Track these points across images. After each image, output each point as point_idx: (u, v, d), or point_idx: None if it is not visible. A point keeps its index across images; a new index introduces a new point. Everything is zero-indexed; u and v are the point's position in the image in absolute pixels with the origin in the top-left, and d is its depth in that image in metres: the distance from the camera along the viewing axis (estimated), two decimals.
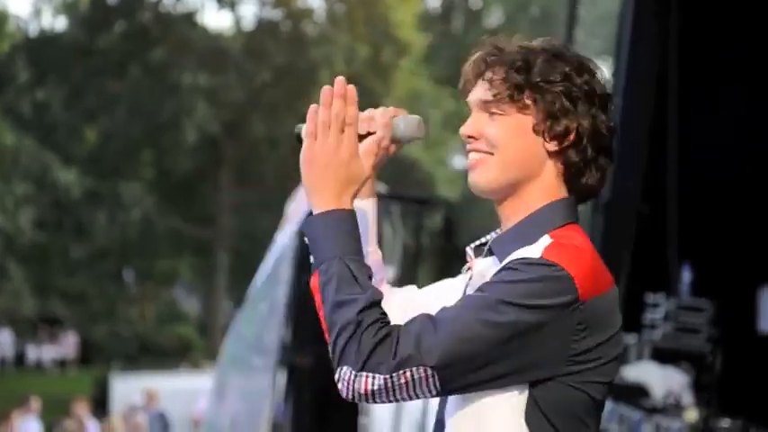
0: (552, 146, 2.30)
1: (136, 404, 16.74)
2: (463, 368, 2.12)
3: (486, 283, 2.18)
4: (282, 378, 7.42)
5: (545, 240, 2.23)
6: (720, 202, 8.11)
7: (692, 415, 6.35)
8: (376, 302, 2.16)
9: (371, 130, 2.39)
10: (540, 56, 2.31)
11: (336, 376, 2.14)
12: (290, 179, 25.65)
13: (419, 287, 2.54)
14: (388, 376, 2.11)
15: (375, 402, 2.16)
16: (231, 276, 27.53)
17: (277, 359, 7.34)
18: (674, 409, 6.60)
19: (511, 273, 2.16)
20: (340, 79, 2.28)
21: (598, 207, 7.02)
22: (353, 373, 2.11)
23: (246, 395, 7.78)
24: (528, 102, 2.29)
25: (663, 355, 7.10)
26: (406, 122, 2.43)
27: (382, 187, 8.70)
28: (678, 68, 7.22)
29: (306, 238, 2.27)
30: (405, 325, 2.14)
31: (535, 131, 2.30)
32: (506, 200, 2.34)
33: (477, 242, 2.40)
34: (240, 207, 27.53)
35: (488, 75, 2.33)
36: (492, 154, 2.32)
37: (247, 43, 28.55)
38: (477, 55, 2.37)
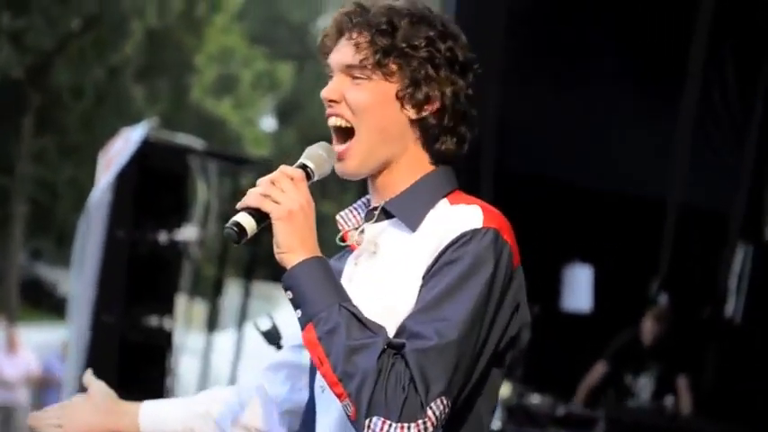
0: (412, 113, 2.28)
1: None
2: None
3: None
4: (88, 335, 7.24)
5: (472, 209, 2.25)
6: (532, 177, 8.28)
7: (503, 391, 6.44)
8: (389, 342, 2.06)
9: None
10: (404, 18, 2.26)
11: (366, 428, 2.01)
12: (94, 129, 24.82)
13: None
14: (421, 422, 2.02)
15: None
16: (27, 227, 26.74)
17: (87, 316, 7.17)
18: None
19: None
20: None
21: None
22: (390, 424, 2.00)
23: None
24: (393, 67, 2.27)
25: None
26: (328, 152, 2.32)
27: (199, 143, 8.57)
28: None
29: (288, 293, 2.12)
30: (413, 363, 2.04)
31: (397, 98, 2.28)
32: (379, 175, 2.32)
33: (366, 209, 2.36)
34: (40, 156, 26.75)
35: (354, 36, 2.27)
36: (352, 125, 2.28)
37: None
38: (340, 13, 2.30)
